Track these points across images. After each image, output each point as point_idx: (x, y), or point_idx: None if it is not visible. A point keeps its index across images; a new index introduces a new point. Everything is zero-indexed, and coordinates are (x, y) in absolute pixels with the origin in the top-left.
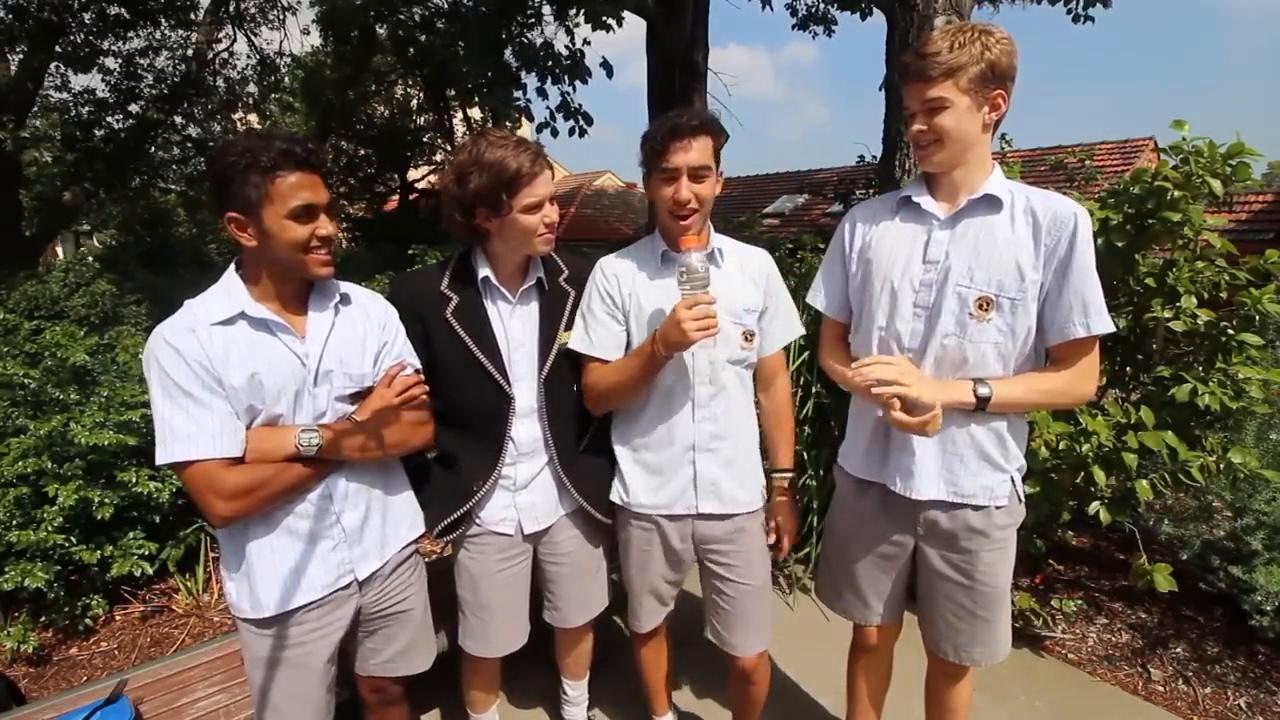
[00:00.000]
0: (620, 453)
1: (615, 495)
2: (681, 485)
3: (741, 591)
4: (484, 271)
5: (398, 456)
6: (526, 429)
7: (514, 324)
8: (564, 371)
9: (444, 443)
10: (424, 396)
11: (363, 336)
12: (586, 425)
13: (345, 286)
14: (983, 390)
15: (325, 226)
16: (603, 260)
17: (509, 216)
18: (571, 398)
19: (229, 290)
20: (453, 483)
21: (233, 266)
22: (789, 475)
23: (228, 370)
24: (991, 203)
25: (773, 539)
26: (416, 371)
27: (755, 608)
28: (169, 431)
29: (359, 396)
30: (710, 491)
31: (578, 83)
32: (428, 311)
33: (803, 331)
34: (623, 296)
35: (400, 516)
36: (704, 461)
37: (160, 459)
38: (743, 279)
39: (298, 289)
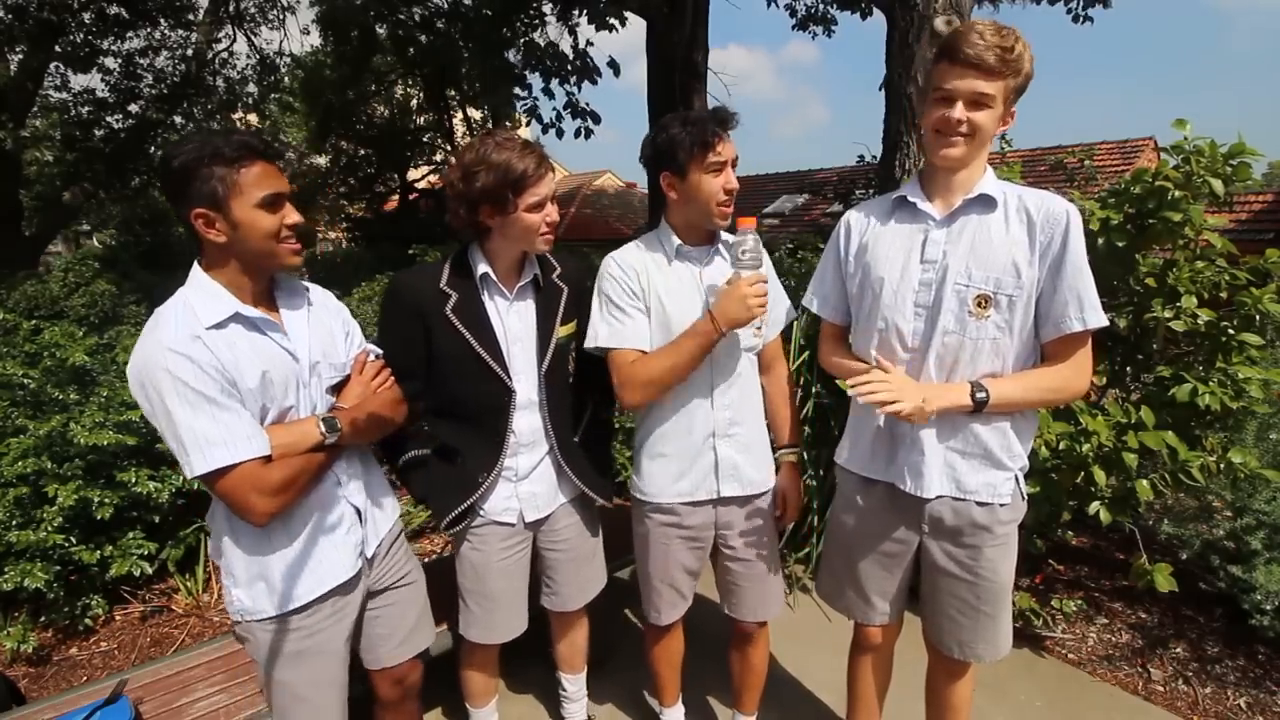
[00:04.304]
0: (642, 446)
1: (634, 490)
2: (703, 472)
3: (754, 568)
4: (482, 268)
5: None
6: (527, 421)
7: (511, 319)
8: (562, 365)
9: (446, 437)
10: (392, 378)
11: (330, 329)
12: (581, 415)
13: (304, 283)
14: (980, 395)
15: (292, 215)
16: (613, 256)
17: (513, 215)
18: (569, 389)
19: (211, 293)
20: (458, 476)
21: (197, 268)
22: (796, 450)
23: (240, 372)
24: (986, 202)
25: (780, 511)
26: (379, 357)
27: (769, 580)
28: (202, 440)
29: (337, 387)
30: (731, 475)
31: (585, 83)
32: (428, 308)
33: (795, 315)
34: (643, 288)
35: (384, 495)
36: (724, 447)
37: (199, 469)
38: None
39: (266, 286)
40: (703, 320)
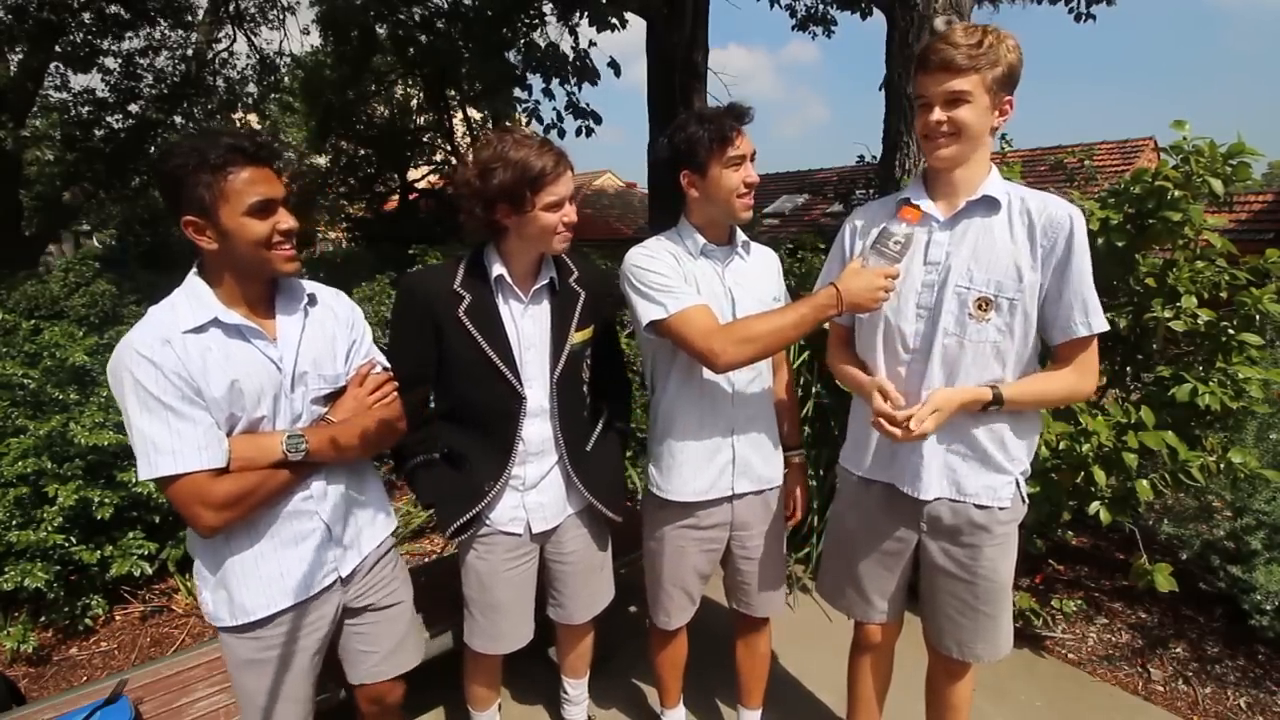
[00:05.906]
0: (663, 445)
1: (652, 487)
2: (719, 468)
3: (765, 564)
4: (498, 270)
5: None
6: (537, 429)
7: (526, 323)
8: (576, 372)
9: (454, 443)
10: (395, 394)
11: (332, 337)
12: (594, 424)
13: (311, 286)
14: (995, 392)
15: (285, 220)
16: (637, 250)
17: (530, 214)
18: (582, 398)
19: (197, 296)
20: (464, 484)
21: (194, 271)
22: (801, 450)
23: (207, 380)
24: (990, 204)
25: (790, 511)
26: (385, 369)
27: (778, 575)
28: (151, 446)
29: (331, 397)
30: (744, 472)
31: (585, 83)
32: (441, 310)
33: None
34: (684, 272)
35: (374, 512)
36: (741, 445)
37: (144, 474)
38: (767, 271)
39: (264, 291)
40: (826, 292)
